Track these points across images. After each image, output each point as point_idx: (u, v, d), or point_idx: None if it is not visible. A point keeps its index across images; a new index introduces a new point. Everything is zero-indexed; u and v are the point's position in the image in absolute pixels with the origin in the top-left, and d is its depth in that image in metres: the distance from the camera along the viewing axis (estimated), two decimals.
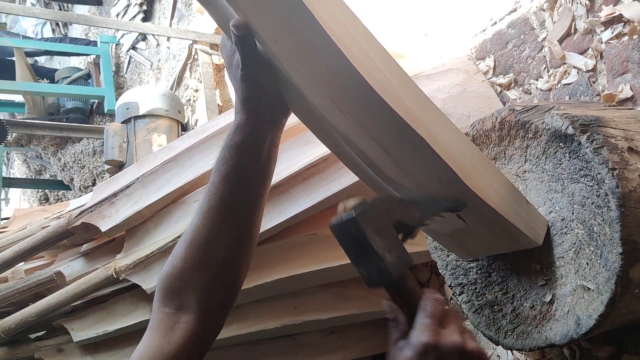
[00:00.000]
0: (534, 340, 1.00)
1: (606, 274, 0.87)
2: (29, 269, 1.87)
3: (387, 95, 0.74)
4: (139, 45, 4.58)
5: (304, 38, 0.73)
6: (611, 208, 0.86)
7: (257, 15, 0.73)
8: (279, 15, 0.72)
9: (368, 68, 0.73)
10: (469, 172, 0.82)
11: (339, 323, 1.72)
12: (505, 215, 0.87)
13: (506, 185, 0.90)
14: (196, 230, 0.86)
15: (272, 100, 0.84)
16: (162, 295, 0.87)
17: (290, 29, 0.73)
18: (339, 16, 0.73)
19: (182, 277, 0.86)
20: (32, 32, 6.96)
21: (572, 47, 1.32)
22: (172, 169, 1.59)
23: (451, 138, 0.81)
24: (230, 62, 0.84)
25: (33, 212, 2.16)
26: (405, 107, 0.76)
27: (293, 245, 1.54)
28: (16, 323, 1.63)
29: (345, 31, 0.73)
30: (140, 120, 3.12)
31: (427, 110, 0.80)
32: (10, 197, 7.70)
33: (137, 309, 1.64)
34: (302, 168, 1.44)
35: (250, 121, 0.84)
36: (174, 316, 0.86)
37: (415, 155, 0.79)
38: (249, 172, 0.86)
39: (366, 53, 0.74)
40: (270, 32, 0.74)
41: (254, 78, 0.81)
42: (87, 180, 4.62)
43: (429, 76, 1.55)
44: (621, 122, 0.94)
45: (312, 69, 0.76)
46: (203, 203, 0.87)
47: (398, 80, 0.77)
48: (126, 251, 1.58)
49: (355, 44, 0.73)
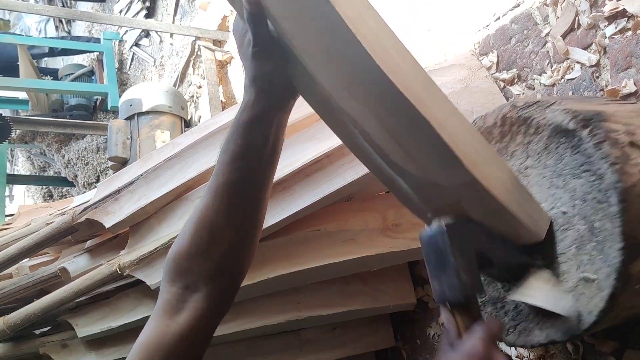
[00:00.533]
0: (536, 337, 1.00)
1: (607, 270, 0.87)
2: (33, 265, 1.88)
3: (396, 77, 0.74)
4: (142, 42, 4.58)
5: (314, 16, 0.73)
6: (612, 203, 0.86)
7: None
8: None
9: (378, 50, 0.73)
10: (474, 161, 0.82)
11: (342, 319, 1.72)
12: (508, 207, 0.86)
13: (510, 178, 0.90)
14: (204, 210, 0.87)
15: (281, 81, 0.85)
16: (170, 275, 0.88)
17: (301, 7, 0.73)
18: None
19: (189, 257, 0.87)
20: (35, 29, 6.98)
21: (575, 42, 1.31)
22: (175, 165, 1.59)
23: (457, 126, 0.81)
24: (241, 41, 0.85)
25: (37, 209, 2.17)
26: (414, 90, 0.76)
27: (296, 242, 1.55)
28: (21, 319, 1.63)
29: (356, 12, 0.73)
30: (144, 116, 3.13)
31: (435, 96, 0.80)
32: (14, 193, 7.72)
33: (141, 305, 1.65)
34: (305, 164, 1.44)
35: (259, 99, 0.84)
36: (182, 295, 0.86)
37: (422, 140, 0.79)
38: (257, 151, 0.87)
39: (376, 34, 0.74)
40: (281, 10, 0.75)
41: (264, 56, 0.82)
42: (91, 177, 4.63)
43: (432, 72, 1.55)
44: (623, 117, 0.94)
45: (322, 48, 0.76)
46: (211, 183, 0.88)
47: (407, 64, 0.77)
48: (130, 247, 1.58)
49: (365, 25, 0.73)
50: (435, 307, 1.70)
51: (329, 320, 1.71)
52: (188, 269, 0.87)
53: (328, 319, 1.69)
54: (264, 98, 0.85)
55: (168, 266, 0.89)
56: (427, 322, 1.73)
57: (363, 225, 1.57)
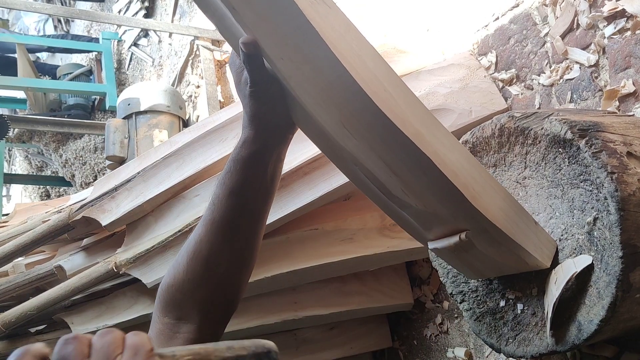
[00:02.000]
0: (536, 347, 1.00)
1: (607, 279, 0.87)
2: (29, 263, 1.87)
3: (394, 115, 0.74)
4: (140, 42, 4.58)
5: (310, 57, 0.73)
6: (611, 212, 0.86)
7: (264, 34, 0.73)
8: (286, 34, 0.72)
9: (375, 88, 0.73)
10: (476, 193, 0.82)
11: (339, 319, 1.72)
12: (512, 237, 0.86)
13: (514, 207, 0.90)
14: (199, 243, 0.86)
15: (279, 117, 0.84)
16: (163, 306, 0.87)
17: (297, 47, 0.73)
18: (345, 35, 0.73)
19: (183, 289, 0.86)
20: (34, 29, 6.97)
21: (574, 42, 1.31)
22: (172, 164, 1.59)
23: (458, 158, 0.81)
24: (239, 78, 0.84)
25: (34, 207, 2.16)
26: (412, 127, 0.76)
27: (294, 240, 1.54)
28: (16, 317, 1.63)
29: (352, 50, 0.73)
30: (142, 116, 3.12)
31: (434, 130, 0.80)
32: (11, 193, 7.70)
33: (137, 303, 1.64)
34: (304, 162, 1.43)
35: (258, 137, 0.84)
36: (174, 326, 0.85)
37: (422, 175, 0.79)
38: (254, 186, 0.86)
39: (373, 73, 0.74)
40: (277, 51, 0.74)
41: (262, 95, 0.81)
42: (89, 176, 4.62)
43: (431, 71, 1.55)
44: (620, 127, 0.94)
45: (318, 87, 0.76)
46: (206, 216, 0.86)
47: (405, 100, 0.77)
48: (126, 245, 1.58)
49: (361, 63, 0.73)
50: (432, 308, 1.70)
51: (326, 320, 1.71)
52: (181, 300, 0.86)
53: (325, 319, 1.69)
54: (263, 135, 0.84)
55: (161, 297, 0.88)
56: (424, 323, 1.73)
57: (361, 224, 1.57)
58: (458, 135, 1.36)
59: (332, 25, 0.72)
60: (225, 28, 0.81)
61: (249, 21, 0.73)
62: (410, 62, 1.60)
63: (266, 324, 1.63)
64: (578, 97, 1.29)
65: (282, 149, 0.88)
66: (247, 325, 1.61)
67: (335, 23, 0.73)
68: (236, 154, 0.85)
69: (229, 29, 0.80)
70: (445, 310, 1.65)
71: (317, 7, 0.71)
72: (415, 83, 1.53)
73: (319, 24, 0.70)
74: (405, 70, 1.58)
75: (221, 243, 0.85)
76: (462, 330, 1.58)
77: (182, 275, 0.86)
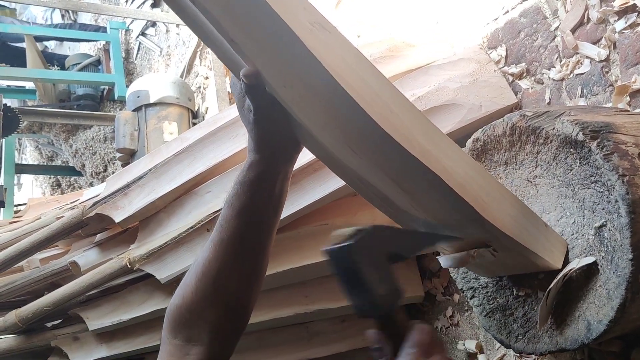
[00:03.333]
0: (545, 345, 1.01)
1: (616, 280, 0.88)
2: (43, 259, 1.89)
3: (400, 135, 0.74)
4: (148, 32, 4.58)
5: (312, 84, 0.73)
6: (621, 214, 0.86)
7: (265, 64, 0.74)
8: (286, 63, 0.73)
9: (379, 110, 0.73)
10: (485, 203, 0.82)
11: (350, 312, 1.73)
12: (523, 243, 0.87)
13: (523, 211, 0.90)
14: (207, 264, 0.86)
15: (284, 138, 0.85)
16: (172, 327, 0.87)
17: (298, 75, 0.73)
18: (347, 58, 0.74)
19: (192, 309, 0.86)
20: (41, 17, 6.97)
21: (585, 36, 1.30)
22: (184, 160, 1.60)
23: (466, 170, 0.82)
24: (241, 104, 0.84)
25: (47, 202, 2.19)
26: (419, 145, 0.76)
27: (304, 236, 1.56)
28: (33, 312, 1.66)
29: (354, 73, 0.73)
30: (151, 108, 3.14)
31: (440, 145, 0.80)
32: (22, 182, 7.76)
33: (151, 298, 1.66)
34: (313, 159, 1.44)
35: (264, 160, 0.85)
36: (184, 348, 0.85)
37: (431, 190, 0.80)
38: (262, 206, 0.86)
39: (376, 93, 0.74)
40: (278, 79, 0.75)
41: (265, 120, 0.81)
42: (99, 166, 4.65)
43: (441, 66, 1.54)
44: (632, 128, 0.94)
45: (321, 112, 0.76)
46: (214, 236, 0.87)
47: (409, 117, 0.78)
48: (140, 241, 1.59)
49: (364, 86, 0.73)
50: (443, 301, 1.71)
51: (337, 313, 1.73)
52: (190, 320, 0.86)
53: (336, 312, 1.70)
54: (268, 157, 0.85)
55: (170, 318, 0.88)
56: (435, 315, 1.74)
57: (371, 219, 1.57)
58: (468, 130, 1.36)
59: (333, 50, 0.72)
60: (225, 55, 0.81)
61: (249, 52, 0.73)
62: (419, 56, 1.60)
63: (278, 317, 1.64)
64: (589, 92, 1.29)
65: (288, 168, 0.89)
66: (260, 318, 1.62)
67: (336, 47, 0.73)
68: (242, 177, 0.85)
69: (229, 56, 0.80)
70: (455, 303, 1.66)
71: (317, 34, 0.72)
72: (425, 78, 1.53)
73: (319, 51, 0.70)
74: (415, 64, 1.57)
75: (230, 262, 0.86)
76: (473, 322, 1.59)
77: (191, 296, 0.86)
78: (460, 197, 0.79)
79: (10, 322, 1.68)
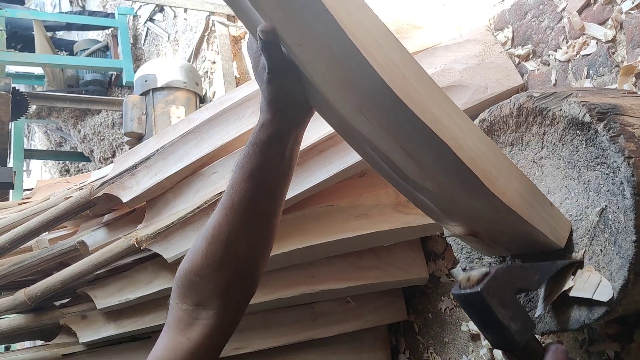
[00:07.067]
0: (547, 325, 1.01)
1: (619, 261, 0.88)
2: (52, 239, 1.91)
3: (412, 102, 0.74)
4: (156, 17, 4.58)
5: (327, 44, 0.73)
6: (626, 196, 0.86)
7: (282, 21, 0.74)
8: (304, 22, 0.73)
9: (392, 75, 0.73)
10: (494, 178, 0.82)
11: (355, 292, 1.75)
12: (528, 219, 0.87)
13: (530, 189, 0.90)
14: (218, 227, 0.87)
15: (297, 101, 0.85)
16: (181, 292, 0.88)
17: (314, 35, 0.74)
18: (363, 21, 0.74)
19: (201, 273, 0.86)
20: (50, 4, 6.99)
21: (591, 17, 1.30)
22: (191, 141, 1.61)
23: (476, 143, 0.82)
24: (256, 63, 0.85)
25: (55, 183, 2.20)
26: (430, 113, 0.76)
27: (310, 217, 1.57)
28: (41, 291, 1.68)
29: (370, 37, 0.73)
30: (159, 92, 3.15)
31: (452, 115, 0.80)
32: (31, 168, 7.81)
33: (158, 277, 1.68)
34: (319, 140, 1.45)
35: (276, 120, 0.85)
36: (193, 312, 0.86)
37: (439, 160, 0.80)
38: (272, 169, 0.87)
39: (390, 59, 0.74)
40: (295, 38, 0.75)
41: (279, 81, 0.82)
42: (107, 151, 4.68)
43: (447, 47, 1.54)
44: (639, 111, 0.93)
45: (335, 75, 0.76)
46: (225, 200, 0.87)
47: (423, 85, 0.78)
48: (147, 221, 1.61)
49: (379, 49, 0.73)
50: (447, 282, 1.72)
51: (342, 294, 1.74)
52: (200, 284, 0.87)
53: (341, 293, 1.72)
54: (280, 118, 0.85)
55: (179, 283, 0.89)
56: (439, 297, 1.75)
57: (376, 200, 1.58)
58: (474, 112, 1.36)
59: (350, 12, 0.72)
60: (242, 12, 0.82)
61: (267, 8, 0.74)
62: (426, 38, 1.59)
63: (284, 298, 1.66)
64: (595, 73, 1.29)
65: (299, 132, 0.89)
66: (265, 298, 1.64)
67: (353, 9, 0.73)
68: (254, 138, 0.86)
69: (246, 13, 0.81)
70: None
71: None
72: (431, 59, 1.53)
73: (337, 11, 0.70)
74: (421, 46, 1.57)
75: (241, 225, 0.86)
76: None
77: (201, 260, 0.87)
78: (469, 169, 0.79)
79: (19, 300, 1.70)
